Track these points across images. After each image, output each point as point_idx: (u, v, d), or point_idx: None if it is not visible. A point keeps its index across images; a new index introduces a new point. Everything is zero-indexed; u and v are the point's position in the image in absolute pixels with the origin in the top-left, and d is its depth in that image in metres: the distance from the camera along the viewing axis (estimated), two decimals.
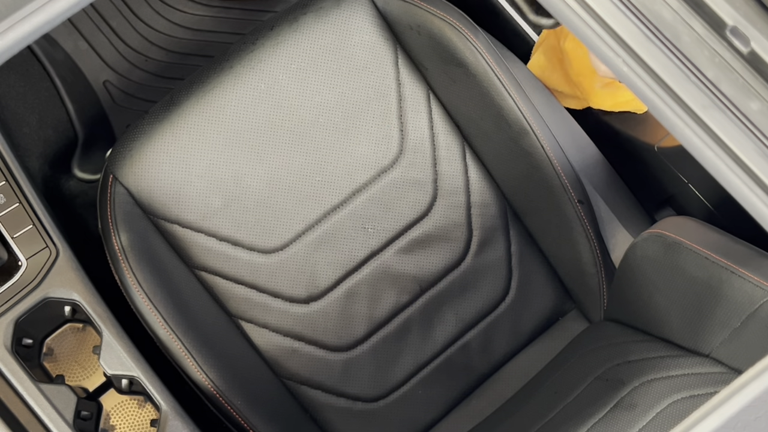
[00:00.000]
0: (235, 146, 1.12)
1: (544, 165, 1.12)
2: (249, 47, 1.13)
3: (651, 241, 1.02)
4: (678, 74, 0.63)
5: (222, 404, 1.05)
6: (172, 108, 1.11)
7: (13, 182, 1.08)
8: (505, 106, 1.12)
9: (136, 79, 1.58)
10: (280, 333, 1.15)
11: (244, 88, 1.12)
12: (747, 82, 0.63)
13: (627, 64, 0.63)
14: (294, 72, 1.14)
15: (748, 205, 0.63)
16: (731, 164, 0.62)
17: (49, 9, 0.61)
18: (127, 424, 1.08)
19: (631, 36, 0.63)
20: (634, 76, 0.63)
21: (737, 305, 0.91)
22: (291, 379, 1.16)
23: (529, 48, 1.34)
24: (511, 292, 1.21)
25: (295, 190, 1.14)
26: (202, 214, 1.11)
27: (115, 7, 1.61)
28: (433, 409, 1.20)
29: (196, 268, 1.12)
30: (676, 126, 0.63)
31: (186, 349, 1.04)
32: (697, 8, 0.63)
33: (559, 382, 1.09)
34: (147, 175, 1.09)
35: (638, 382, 0.97)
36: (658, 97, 0.63)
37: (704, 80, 0.63)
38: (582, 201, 1.15)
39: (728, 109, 0.63)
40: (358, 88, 1.15)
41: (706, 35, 0.63)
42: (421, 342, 1.19)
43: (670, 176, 1.17)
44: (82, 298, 1.04)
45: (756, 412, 0.59)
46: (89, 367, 1.09)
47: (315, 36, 1.14)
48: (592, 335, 1.16)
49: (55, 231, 1.07)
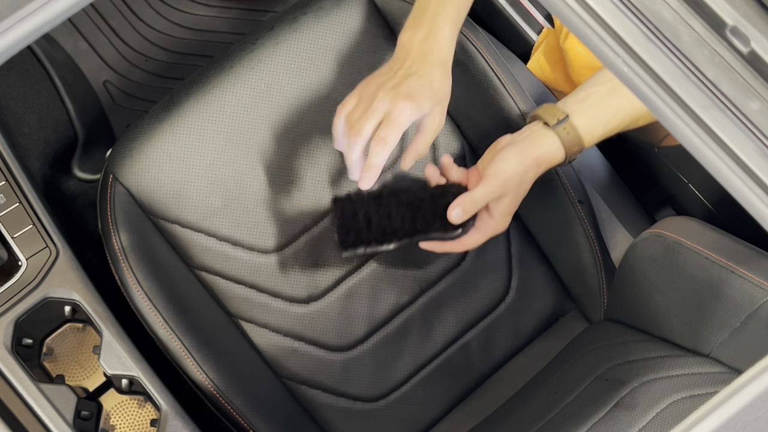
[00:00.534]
0: (235, 146, 1.12)
1: None
2: (249, 47, 1.13)
3: (651, 241, 1.02)
4: (678, 74, 0.63)
5: (222, 404, 1.05)
6: (172, 108, 1.11)
7: (13, 182, 1.08)
8: (505, 106, 1.12)
9: (136, 79, 1.58)
10: (280, 333, 1.15)
11: (244, 88, 1.12)
12: (747, 82, 0.63)
13: (627, 64, 0.63)
14: (294, 72, 1.14)
15: (748, 205, 0.63)
16: (731, 164, 0.62)
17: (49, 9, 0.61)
18: (127, 424, 1.08)
19: (631, 36, 0.63)
20: (634, 76, 0.63)
21: (737, 305, 0.91)
22: (291, 379, 1.16)
23: (529, 48, 1.34)
24: (511, 292, 1.21)
25: (295, 190, 1.14)
26: (202, 214, 1.11)
27: (115, 7, 1.61)
28: (433, 409, 1.20)
29: (196, 268, 1.12)
30: (676, 126, 0.63)
31: (186, 349, 1.04)
32: (697, 8, 0.63)
33: (559, 382, 1.09)
34: (147, 175, 1.09)
35: (638, 382, 0.97)
36: (658, 97, 0.63)
37: (704, 80, 0.63)
38: (582, 201, 1.15)
39: (728, 109, 0.63)
40: None
41: (706, 35, 0.63)
42: (421, 342, 1.19)
43: (670, 176, 1.17)
44: (82, 298, 1.04)
45: (756, 412, 0.59)
46: (89, 367, 1.09)
47: (315, 36, 1.14)
48: (592, 335, 1.16)
49: (55, 231, 1.07)
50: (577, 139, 1.01)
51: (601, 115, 1.02)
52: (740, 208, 0.64)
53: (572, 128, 1.01)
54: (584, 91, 1.03)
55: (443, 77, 1.01)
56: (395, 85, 0.99)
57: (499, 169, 1.00)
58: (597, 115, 1.02)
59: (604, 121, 1.02)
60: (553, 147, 1.01)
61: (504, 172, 1.00)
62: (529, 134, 1.03)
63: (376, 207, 1.03)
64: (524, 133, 1.04)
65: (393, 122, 0.97)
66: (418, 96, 0.98)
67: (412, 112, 0.97)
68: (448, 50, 1.02)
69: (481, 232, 1.04)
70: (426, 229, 1.02)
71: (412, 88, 0.98)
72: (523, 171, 1.01)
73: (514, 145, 1.02)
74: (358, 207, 1.03)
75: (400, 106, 0.97)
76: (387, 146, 0.97)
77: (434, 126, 1.01)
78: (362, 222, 1.03)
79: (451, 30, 1.02)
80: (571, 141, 1.01)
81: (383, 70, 1.02)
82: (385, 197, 1.04)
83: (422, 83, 0.99)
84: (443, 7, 1.02)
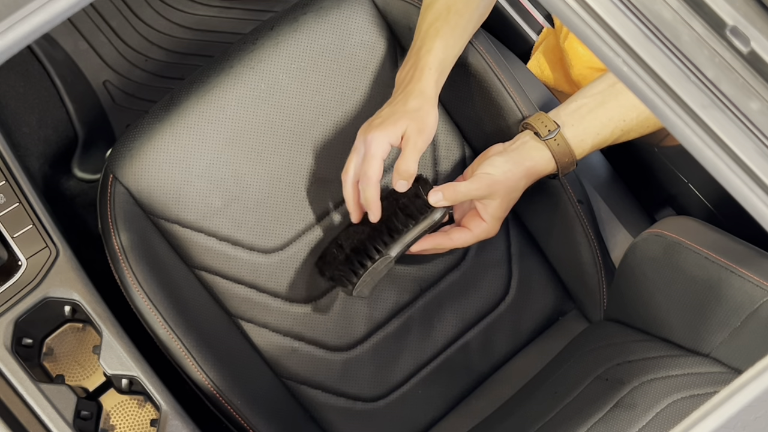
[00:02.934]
0: (235, 146, 1.12)
1: None
2: (249, 47, 1.13)
3: (651, 241, 1.02)
4: (678, 74, 0.63)
5: (222, 404, 1.05)
6: (172, 108, 1.11)
7: (13, 182, 1.08)
8: (505, 106, 1.13)
9: (136, 79, 1.58)
10: (280, 333, 1.15)
11: (244, 88, 1.12)
12: (747, 82, 0.63)
13: (627, 64, 0.63)
14: (294, 72, 1.14)
15: (748, 205, 0.63)
16: (731, 164, 0.62)
17: (49, 9, 0.61)
18: (127, 423, 1.08)
19: (631, 36, 0.63)
20: (634, 76, 0.63)
21: (737, 305, 0.91)
22: (291, 378, 1.16)
23: (529, 48, 1.34)
24: (511, 292, 1.21)
25: (295, 190, 1.14)
26: (202, 213, 1.11)
27: (115, 7, 1.61)
28: (433, 408, 1.20)
29: (196, 268, 1.12)
30: (676, 126, 0.63)
31: (186, 349, 1.04)
32: (697, 8, 0.63)
33: (559, 382, 1.09)
34: (147, 174, 1.09)
35: (638, 381, 0.97)
36: (658, 97, 0.63)
37: (704, 80, 0.63)
38: (582, 201, 1.15)
39: (728, 109, 0.63)
40: (358, 88, 1.15)
41: (706, 35, 0.63)
42: (421, 342, 1.19)
43: (670, 176, 1.17)
44: (82, 298, 1.04)
45: (756, 412, 0.59)
46: (89, 366, 1.09)
47: (315, 36, 1.14)
48: (592, 335, 1.16)
49: (55, 231, 1.07)
50: (568, 150, 1.04)
51: (591, 127, 1.04)
52: (740, 208, 0.64)
53: (563, 139, 1.04)
54: (575, 102, 1.06)
55: (421, 103, 1.04)
56: (371, 121, 1.04)
57: (486, 171, 1.03)
58: (587, 127, 1.04)
59: (594, 132, 1.04)
60: (544, 159, 1.04)
61: (490, 175, 1.03)
62: (521, 145, 1.05)
63: (343, 234, 1.08)
64: (516, 142, 1.06)
65: (367, 155, 1.02)
66: (387, 123, 1.02)
67: (381, 140, 1.01)
68: (432, 85, 1.05)
69: (471, 233, 1.06)
70: (400, 225, 1.05)
71: (383, 118, 1.03)
72: (513, 180, 1.03)
73: (506, 154, 1.05)
74: (336, 247, 1.08)
75: (370, 137, 1.02)
76: (369, 180, 1.02)
77: (412, 143, 1.03)
78: (338, 252, 1.08)
79: (436, 64, 1.05)
80: (561, 152, 1.04)
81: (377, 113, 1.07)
82: (351, 225, 1.09)
83: (394, 110, 1.03)
84: (431, 40, 1.05)
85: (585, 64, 1.21)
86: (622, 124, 1.04)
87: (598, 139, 1.05)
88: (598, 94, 1.05)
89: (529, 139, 1.05)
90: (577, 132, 1.04)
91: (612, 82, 1.05)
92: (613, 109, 1.04)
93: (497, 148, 1.07)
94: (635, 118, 1.04)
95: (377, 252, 1.05)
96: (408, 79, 1.06)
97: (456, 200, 1.03)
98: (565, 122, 1.04)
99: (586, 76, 1.21)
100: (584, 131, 1.04)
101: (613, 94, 1.04)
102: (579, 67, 1.22)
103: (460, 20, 1.06)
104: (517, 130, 1.11)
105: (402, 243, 1.05)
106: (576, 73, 1.22)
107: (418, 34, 1.08)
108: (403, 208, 1.05)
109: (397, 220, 1.05)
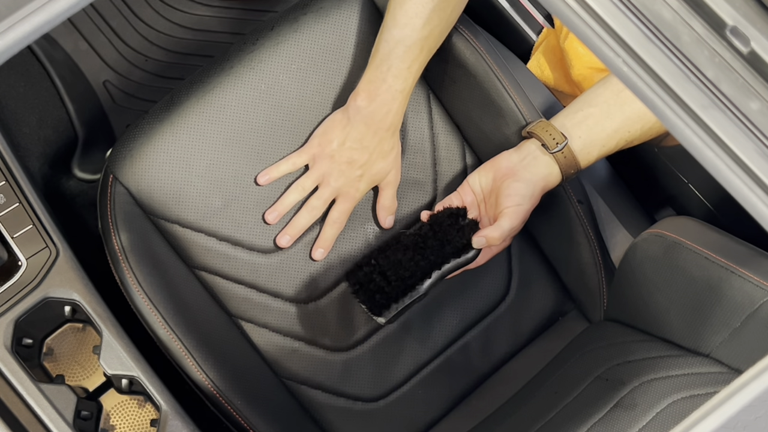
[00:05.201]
0: (235, 146, 1.12)
1: None
2: (249, 47, 1.13)
3: (651, 241, 1.02)
4: (678, 74, 0.63)
5: (222, 404, 1.05)
6: (172, 108, 1.11)
7: (13, 182, 1.08)
8: (505, 107, 1.12)
9: (136, 79, 1.58)
10: (280, 333, 1.15)
11: (244, 89, 1.12)
12: (747, 82, 0.63)
13: (627, 64, 0.63)
14: (294, 72, 1.14)
15: (748, 205, 0.63)
16: (731, 164, 0.62)
17: (49, 9, 0.61)
18: (127, 424, 1.08)
19: (631, 36, 0.63)
20: (634, 76, 0.63)
21: (737, 305, 0.91)
22: (291, 379, 1.16)
23: (529, 48, 1.34)
24: (511, 292, 1.21)
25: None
26: (202, 214, 1.11)
27: (115, 7, 1.61)
28: (433, 409, 1.20)
29: (196, 268, 1.12)
30: (676, 126, 0.63)
31: (186, 349, 1.04)
32: (697, 8, 0.63)
33: (559, 382, 1.09)
34: (147, 175, 1.09)
35: (638, 381, 0.97)
36: (658, 97, 0.63)
37: (704, 80, 0.63)
38: (582, 201, 1.15)
39: (728, 109, 0.63)
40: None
41: (706, 35, 0.63)
42: (421, 342, 1.19)
43: (670, 176, 1.17)
44: (82, 298, 1.04)
45: (756, 412, 0.59)
46: (89, 367, 1.09)
47: (315, 36, 1.14)
48: (592, 335, 1.16)
49: (55, 231, 1.07)
50: (574, 162, 1.05)
51: (598, 139, 1.05)
52: (740, 208, 0.64)
53: (570, 152, 1.05)
54: (582, 111, 1.05)
55: (393, 143, 1.12)
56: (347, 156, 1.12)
57: (517, 203, 1.04)
58: (594, 140, 1.05)
59: (600, 144, 1.05)
60: (553, 174, 1.05)
61: (523, 206, 1.05)
62: (531, 161, 1.06)
63: (385, 261, 1.06)
64: (525, 158, 1.06)
65: (343, 204, 1.13)
66: (366, 180, 1.12)
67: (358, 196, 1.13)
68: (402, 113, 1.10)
69: (489, 251, 1.10)
70: (439, 259, 1.05)
71: (363, 170, 1.11)
72: (534, 203, 1.06)
73: (520, 178, 1.05)
74: (369, 269, 1.06)
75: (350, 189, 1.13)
76: (312, 214, 1.12)
77: (392, 184, 1.14)
78: (380, 281, 1.05)
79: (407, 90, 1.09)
80: (568, 164, 1.05)
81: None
82: (390, 248, 1.07)
83: (370, 161, 1.11)
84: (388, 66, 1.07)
85: (585, 64, 1.21)
86: (627, 135, 1.04)
87: (604, 150, 1.06)
88: (604, 104, 1.04)
89: (538, 153, 1.05)
90: (585, 144, 1.05)
91: (617, 90, 1.04)
92: (619, 120, 1.04)
93: (504, 163, 1.07)
94: (639, 129, 1.04)
95: (414, 289, 1.05)
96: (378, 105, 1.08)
97: (498, 241, 1.05)
98: (572, 134, 1.04)
99: (586, 76, 1.21)
100: (591, 143, 1.05)
101: (618, 105, 1.04)
102: (579, 67, 1.22)
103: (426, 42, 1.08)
104: (516, 130, 1.11)
105: (435, 278, 1.06)
106: (576, 73, 1.22)
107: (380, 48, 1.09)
108: (444, 242, 1.05)
109: (437, 254, 1.05)
